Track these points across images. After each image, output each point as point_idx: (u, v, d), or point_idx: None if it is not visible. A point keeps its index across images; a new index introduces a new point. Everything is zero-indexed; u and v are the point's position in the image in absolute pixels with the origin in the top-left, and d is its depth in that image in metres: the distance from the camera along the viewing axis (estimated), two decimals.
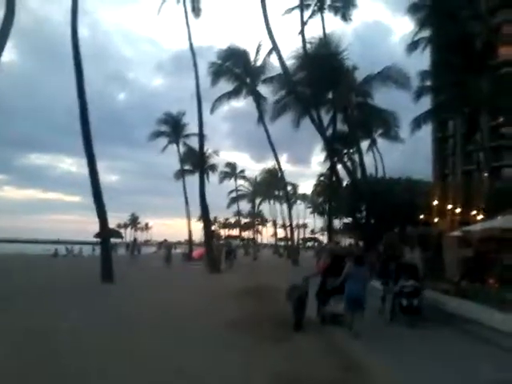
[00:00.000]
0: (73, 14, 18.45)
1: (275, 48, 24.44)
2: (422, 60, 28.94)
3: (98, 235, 51.98)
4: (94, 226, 21.72)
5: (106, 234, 20.64)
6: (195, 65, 27.35)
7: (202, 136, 28.22)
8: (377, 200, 20.90)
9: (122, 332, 8.65)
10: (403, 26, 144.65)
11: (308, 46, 29.07)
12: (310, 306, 9.66)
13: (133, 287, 17.11)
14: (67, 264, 33.15)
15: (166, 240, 41.22)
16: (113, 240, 36.33)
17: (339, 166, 30.38)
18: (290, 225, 38.62)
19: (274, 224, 77.01)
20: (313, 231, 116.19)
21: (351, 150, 35.65)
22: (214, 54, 33.87)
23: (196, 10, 28.96)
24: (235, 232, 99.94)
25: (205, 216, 29.33)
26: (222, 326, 9.12)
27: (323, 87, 27.83)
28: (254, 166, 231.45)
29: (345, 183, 29.46)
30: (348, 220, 28.81)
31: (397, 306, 9.99)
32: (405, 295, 9.76)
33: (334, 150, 28.73)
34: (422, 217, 23.27)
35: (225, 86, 34.51)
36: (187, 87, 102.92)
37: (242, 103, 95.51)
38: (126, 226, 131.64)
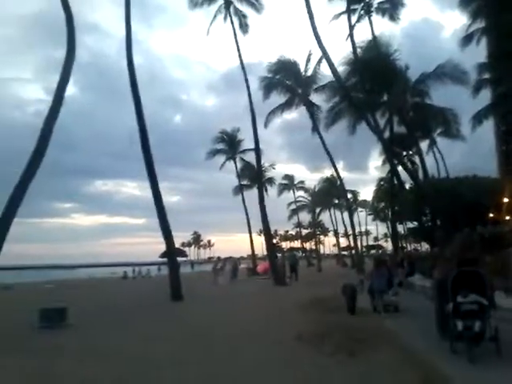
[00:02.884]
0: (127, 45, 19.24)
1: (325, 55, 24.27)
2: (477, 53, 27.91)
3: (163, 255, 53.34)
4: (159, 247, 22.34)
5: (172, 253, 21.04)
6: (246, 80, 27.73)
7: (258, 150, 28.42)
8: (442, 201, 20.04)
9: (201, 344, 8.80)
10: (453, 21, 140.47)
11: (358, 50, 28.78)
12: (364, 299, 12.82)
13: (202, 304, 17.40)
14: (137, 285, 34.24)
15: (231, 257, 41.88)
16: (178, 259, 37.19)
17: (400, 169, 29.62)
18: (353, 233, 37.86)
19: (336, 233, 76.02)
20: (376, 238, 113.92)
21: (410, 152, 34.72)
22: (263, 69, 34.26)
23: (244, 27, 29.52)
24: (297, 244, 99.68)
25: (266, 230, 29.38)
26: (298, 336, 9.00)
27: (377, 90, 27.34)
28: (310, 176, 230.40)
29: (407, 186, 28.68)
30: (413, 224, 27.87)
31: (453, 330, 6.94)
32: (461, 315, 6.83)
33: (393, 152, 28.00)
34: (491, 215, 22.10)
35: (276, 99, 34.72)
36: (239, 104, 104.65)
37: (294, 114, 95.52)
38: (189, 244, 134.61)
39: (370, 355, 7.32)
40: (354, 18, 30.08)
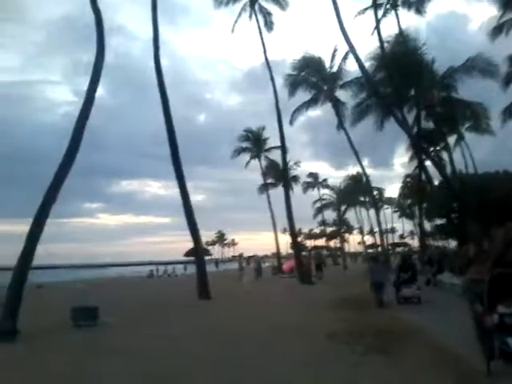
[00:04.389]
0: (155, 48, 19.46)
1: (352, 50, 23.94)
2: (507, 45, 27.20)
3: (188, 254, 53.85)
4: (184, 245, 22.53)
5: (200, 252, 21.18)
6: (272, 79, 27.78)
7: (284, 148, 28.39)
8: (473, 197, 19.60)
9: (235, 343, 8.85)
10: (481, 13, 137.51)
11: (385, 45, 28.36)
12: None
13: (230, 303, 17.41)
14: (164, 284, 34.51)
15: (255, 255, 41.84)
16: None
17: (428, 165, 29.11)
18: (380, 230, 37.43)
19: (361, 231, 75.36)
20: (402, 236, 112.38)
21: (438, 148, 34.09)
22: (287, 67, 34.12)
23: (268, 25, 29.49)
24: (321, 242, 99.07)
25: (292, 228, 29.30)
26: (330, 335, 8.98)
27: (404, 85, 26.87)
28: (334, 174, 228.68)
29: (435, 182, 28.17)
30: (441, 221, 27.30)
31: (496, 347, 5.35)
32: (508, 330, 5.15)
33: (421, 148, 27.51)
34: None
35: (301, 96, 34.48)
36: (262, 102, 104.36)
37: (318, 112, 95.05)
38: (213, 243, 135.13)
39: (402, 354, 7.27)
40: (379, 13, 29.71)
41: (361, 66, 24.15)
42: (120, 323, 12.17)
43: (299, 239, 46.09)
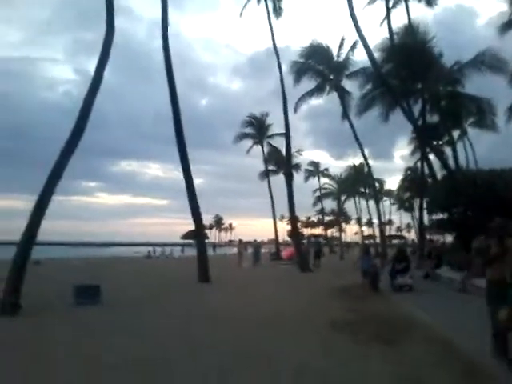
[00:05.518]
0: (164, 33, 19.24)
1: (362, 39, 23.66)
2: None
3: (185, 236, 53.89)
4: (181, 228, 22.57)
5: (201, 235, 21.22)
6: (279, 65, 27.54)
7: (288, 135, 28.23)
8: (478, 192, 19.55)
9: (237, 327, 8.88)
10: (488, 8, 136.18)
11: (394, 36, 28.10)
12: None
13: (231, 287, 17.50)
14: (162, 265, 34.60)
15: (255, 240, 42.05)
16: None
17: (431, 158, 29.03)
18: (380, 222, 37.40)
19: (359, 222, 75.39)
20: (399, 228, 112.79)
21: (440, 142, 33.99)
22: (291, 54, 33.72)
23: (277, 10, 29.15)
24: (318, 231, 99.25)
25: (293, 216, 29.33)
26: (332, 324, 9.03)
27: (411, 77, 26.64)
28: (333, 163, 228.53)
29: (439, 176, 28.11)
30: (441, 216, 27.27)
31: None
32: None
33: (426, 140, 27.38)
34: None
35: (306, 84, 34.14)
36: (265, 88, 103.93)
37: (320, 101, 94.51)
38: (210, 227, 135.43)
39: (404, 343, 7.35)
40: (390, 3, 29.36)
41: (370, 55, 23.93)
42: (122, 303, 12.24)
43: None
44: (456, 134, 33.20)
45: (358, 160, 58.36)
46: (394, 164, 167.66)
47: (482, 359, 6.14)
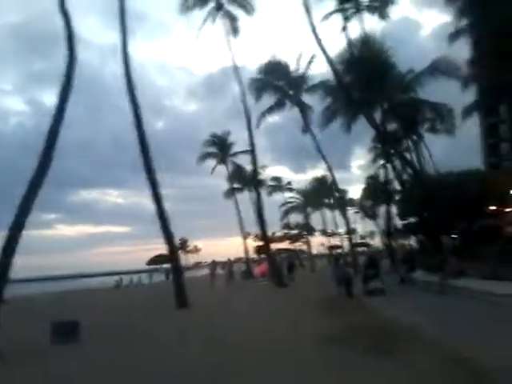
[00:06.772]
0: (125, 61, 18.97)
1: (324, 52, 24.13)
2: (459, 50, 28.04)
3: (151, 262, 52.60)
4: (145, 254, 21.97)
5: (176, 259, 20.66)
6: (241, 83, 27.87)
7: (253, 152, 28.35)
8: (447, 195, 20.14)
9: (235, 353, 8.53)
10: (431, 20, 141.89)
11: (350, 49, 28.73)
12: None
13: (212, 312, 16.71)
14: (134, 294, 33.50)
15: (229, 259, 42.03)
16: (166, 265, 37.14)
17: (394, 165, 29.71)
18: (348, 231, 37.91)
19: (325, 233, 75.83)
20: (362, 236, 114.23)
21: (401, 149, 34.84)
22: (248, 73, 33.92)
23: (234, 30, 29.31)
24: (283, 245, 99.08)
25: (263, 232, 29.27)
26: (329, 338, 8.89)
27: (371, 87, 27.28)
28: (294, 177, 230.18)
29: (400, 182, 28.75)
30: (411, 220, 27.88)
31: None
32: None
33: (391, 145, 28.04)
34: (493, 208, 22.20)
35: (267, 100, 34.33)
36: (221, 108, 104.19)
37: (276, 117, 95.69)
38: (176, 250, 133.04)
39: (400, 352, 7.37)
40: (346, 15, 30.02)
41: (333, 67, 24.37)
42: (101, 339, 11.60)
43: (262, 243, 45.95)
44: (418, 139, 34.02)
45: (317, 172, 59.30)
46: (352, 174, 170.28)
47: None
